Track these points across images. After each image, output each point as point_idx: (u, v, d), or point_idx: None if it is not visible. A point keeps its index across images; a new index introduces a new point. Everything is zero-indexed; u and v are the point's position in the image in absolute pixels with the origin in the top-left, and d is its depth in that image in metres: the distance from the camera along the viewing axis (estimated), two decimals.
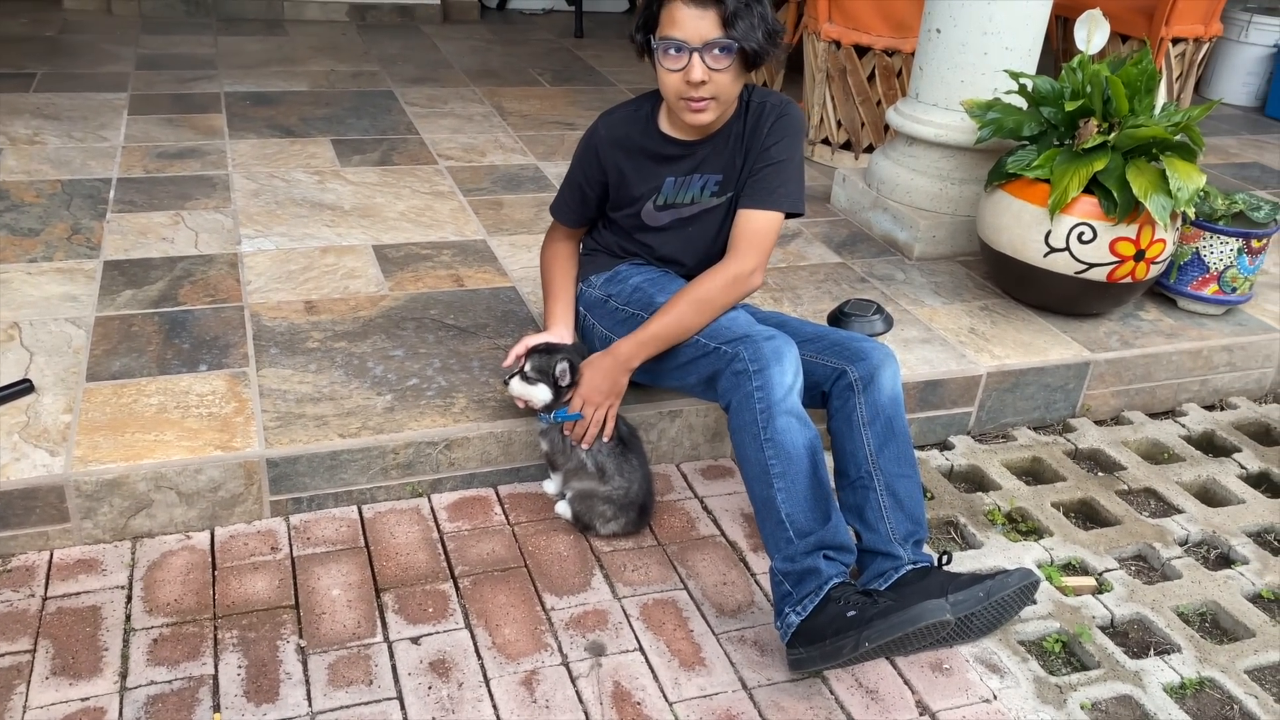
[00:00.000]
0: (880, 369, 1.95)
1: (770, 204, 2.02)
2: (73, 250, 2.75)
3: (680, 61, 1.87)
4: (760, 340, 1.87)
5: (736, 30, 1.83)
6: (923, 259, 3.08)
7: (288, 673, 1.70)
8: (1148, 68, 2.55)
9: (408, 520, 2.08)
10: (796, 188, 2.04)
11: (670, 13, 1.85)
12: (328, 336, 2.41)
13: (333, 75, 4.66)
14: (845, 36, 3.74)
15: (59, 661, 1.69)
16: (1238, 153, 4.58)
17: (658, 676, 1.75)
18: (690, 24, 1.83)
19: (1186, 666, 1.86)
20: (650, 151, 2.07)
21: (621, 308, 2.12)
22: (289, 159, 3.53)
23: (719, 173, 2.07)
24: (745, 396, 1.84)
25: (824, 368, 1.99)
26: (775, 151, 2.02)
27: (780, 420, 1.79)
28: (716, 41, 1.84)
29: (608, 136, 2.07)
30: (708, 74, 1.87)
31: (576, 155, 2.15)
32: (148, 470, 1.93)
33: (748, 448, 1.82)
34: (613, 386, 2.01)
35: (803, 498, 1.77)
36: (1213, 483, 2.42)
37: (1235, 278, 2.76)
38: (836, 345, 2.02)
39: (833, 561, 1.74)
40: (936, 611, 1.64)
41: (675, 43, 1.85)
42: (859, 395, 1.94)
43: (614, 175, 2.09)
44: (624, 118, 2.09)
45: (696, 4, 1.82)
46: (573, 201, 2.18)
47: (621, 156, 2.07)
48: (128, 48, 4.83)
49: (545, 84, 4.81)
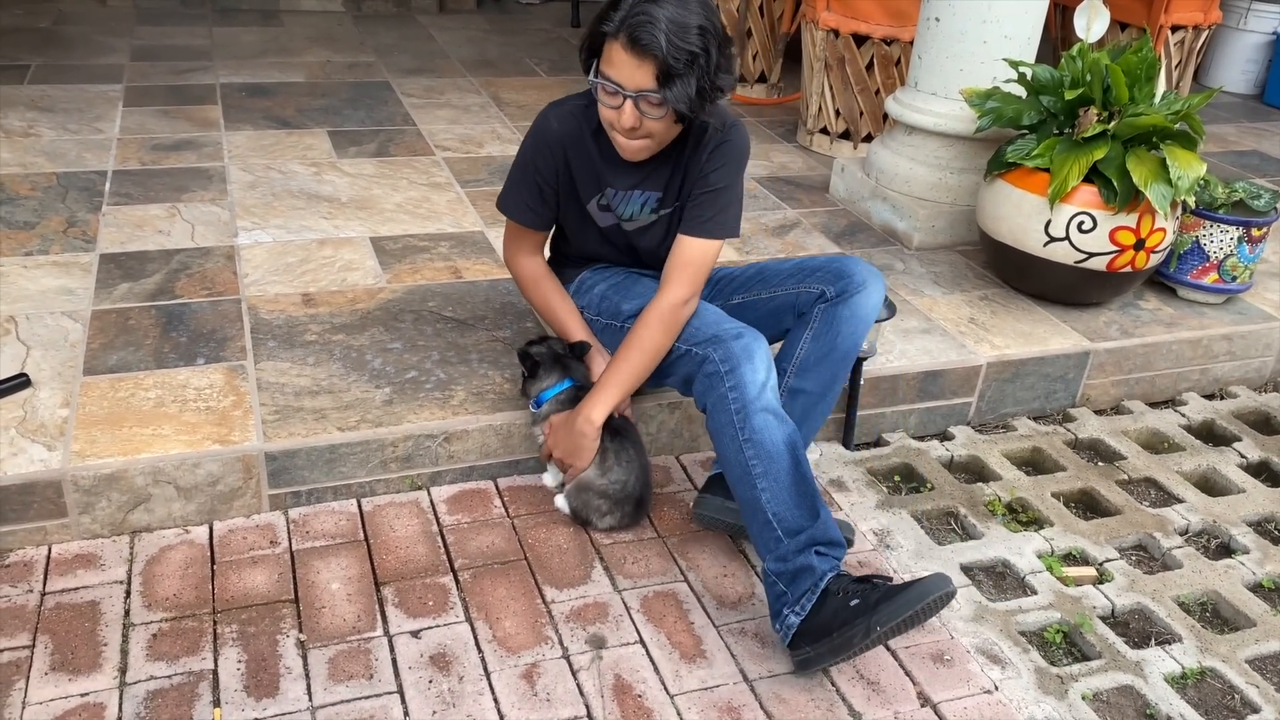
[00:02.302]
0: (863, 287, 1.98)
1: (704, 232, 1.98)
2: (68, 243, 2.74)
3: (614, 101, 1.81)
4: (729, 340, 1.86)
5: (670, 90, 1.75)
6: (922, 249, 3.07)
7: (288, 667, 1.70)
8: (1147, 55, 2.54)
9: (407, 513, 2.07)
10: (733, 215, 2.00)
11: (610, 52, 1.78)
12: (325, 329, 2.40)
13: (329, 66, 4.64)
14: (844, 25, 3.73)
15: (58, 657, 1.68)
16: (1237, 140, 4.57)
17: (659, 669, 1.75)
18: (626, 70, 1.76)
19: (1188, 656, 1.86)
20: (595, 157, 2.00)
21: (594, 318, 2.12)
22: (285, 150, 3.52)
23: (659, 189, 2.02)
24: (720, 398, 1.83)
25: (807, 294, 2.01)
26: (715, 178, 1.97)
27: (757, 419, 1.78)
28: (649, 94, 1.77)
29: (560, 130, 1.99)
30: (638, 120, 1.82)
31: (527, 149, 2.04)
32: (145, 464, 1.93)
33: (728, 449, 1.81)
34: (577, 446, 1.96)
35: (788, 495, 1.76)
36: (1213, 472, 2.42)
37: (1235, 266, 2.76)
38: (818, 269, 2.02)
39: (825, 557, 1.73)
40: (940, 584, 1.64)
41: (611, 84, 1.79)
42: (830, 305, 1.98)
43: (560, 167, 2.02)
44: (574, 112, 1.99)
45: (634, 53, 1.74)
46: (531, 200, 2.07)
47: (571, 153, 2.00)
48: (122, 39, 4.80)
49: (542, 74, 4.79)
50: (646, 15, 1.72)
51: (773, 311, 2.06)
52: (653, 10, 1.72)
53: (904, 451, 2.40)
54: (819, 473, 2.30)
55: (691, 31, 1.73)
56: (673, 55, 1.72)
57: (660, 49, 1.72)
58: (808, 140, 4.02)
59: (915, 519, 2.17)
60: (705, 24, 1.75)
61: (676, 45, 1.72)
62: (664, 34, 1.71)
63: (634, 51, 1.74)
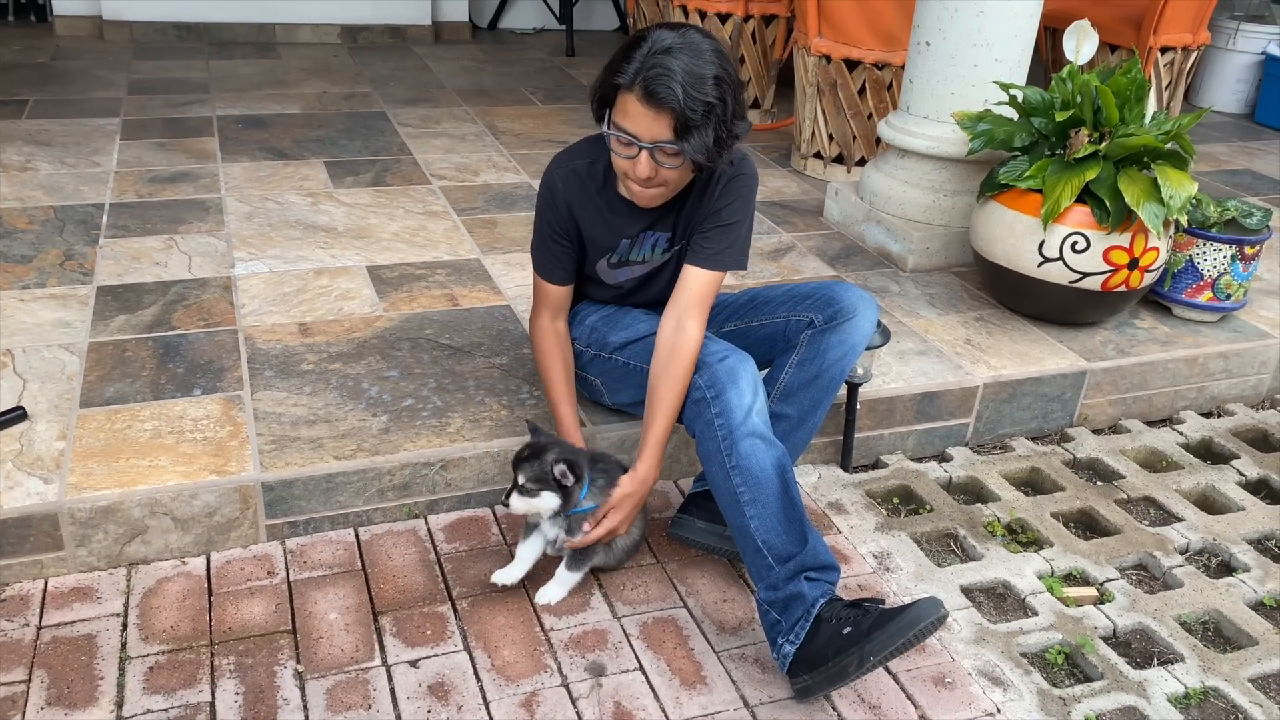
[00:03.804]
0: (853, 315, 1.97)
1: (716, 265, 1.96)
2: (66, 276, 2.74)
3: (630, 151, 1.78)
4: (714, 364, 1.85)
5: (689, 141, 1.72)
6: (917, 271, 3.08)
7: (285, 699, 1.69)
8: (1137, 77, 2.56)
9: (405, 542, 2.07)
10: (742, 247, 2.00)
11: (624, 103, 1.74)
12: (322, 358, 2.40)
13: (325, 97, 4.67)
14: (835, 50, 3.76)
15: (54, 691, 1.67)
16: (1229, 160, 4.60)
17: (658, 696, 1.74)
18: (643, 122, 1.73)
19: (1190, 676, 1.85)
20: (606, 213, 1.98)
21: (584, 349, 2.11)
22: (282, 181, 3.53)
23: (668, 230, 2.01)
24: (706, 425, 1.82)
25: (797, 323, 2.00)
26: (727, 213, 1.95)
27: (743, 445, 1.77)
28: (666, 144, 1.74)
29: (565, 190, 1.97)
30: (654, 170, 1.79)
31: (540, 210, 2.03)
32: (142, 496, 1.92)
33: (716, 476, 1.81)
34: (639, 507, 1.94)
35: (776, 521, 1.75)
36: (1212, 490, 2.42)
37: (1229, 284, 2.76)
38: (808, 296, 2.01)
39: (816, 583, 1.72)
40: (932, 609, 1.63)
41: (626, 135, 1.76)
42: (818, 332, 1.97)
43: (571, 230, 2.01)
44: (579, 172, 1.97)
45: (650, 105, 1.70)
46: (553, 256, 2.04)
47: (577, 210, 1.98)
48: (120, 73, 4.84)
49: (538, 103, 4.82)
50: (662, 68, 1.68)
51: (765, 338, 2.06)
52: (668, 62, 1.68)
53: (902, 473, 2.39)
54: (817, 496, 2.30)
55: (708, 82, 1.70)
56: (689, 107, 1.69)
57: (677, 102, 1.68)
58: (802, 165, 4.04)
59: (914, 541, 2.17)
60: (721, 73, 1.72)
61: (693, 97, 1.69)
62: (680, 86, 1.68)
63: (650, 104, 1.70)
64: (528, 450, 1.85)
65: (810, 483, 2.34)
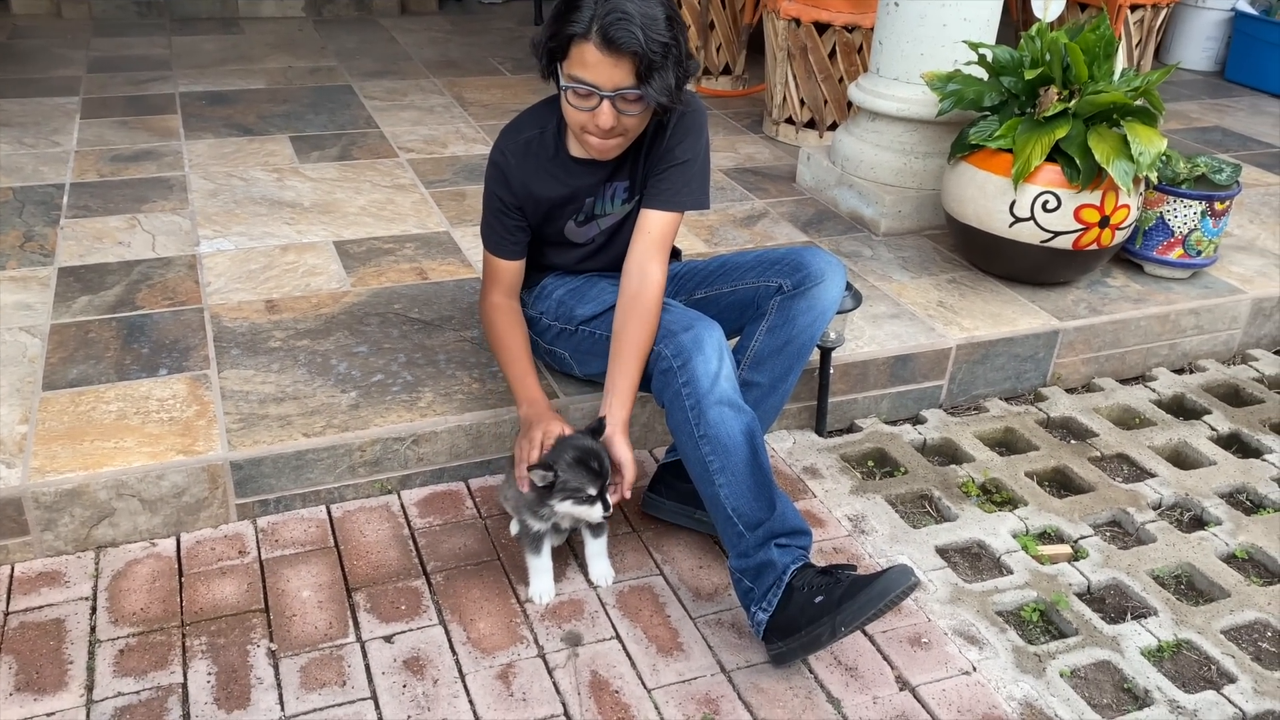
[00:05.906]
0: (820, 280, 1.94)
1: (674, 205, 1.95)
2: (26, 258, 2.69)
3: (589, 103, 1.76)
4: (679, 333, 1.83)
5: (651, 85, 1.71)
6: (889, 234, 3.07)
7: (259, 677, 1.67)
8: (1106, 34, 2.55)
9: (377, 518, 2.05)
10: (700, 185, 1.98)
11: (582, 53, 1.71)
12: (290, 335, 2.37)
13: (290, 72, 4.60)
14: (805, 14, 3.72)
15: (22, 677, 1.65)
16: (1199, 117, 4.60)
17: (635, 664, 1.74)
18: (603, 70, 1.71)
19: (1164, 629, 1.87)
20: (564, 177, 1.96)
21: (551, 324, 2.09)
22: (247, 158, 3.48)
23: (625, 179, 1.99)
24: (674, 395, 1.81)
25: (765, 289, 1.98)
26: (679, 151, 1.93)
27: (711, 413, 1.76)
28: (628, 91, 1.73)
29: (515, 165, 1.94)
30: (616, 119, 1.77)
31: (489, 187, 2.00)
32: (108, 478, 1.89)
33: (685, 446, 1.80)
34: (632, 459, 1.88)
35: (745, 489, 1.74)
36: (1184, 445, 2.43)
37: (1200, 241, 2.77)
38: (776, 262, 1.99)
39: (787, 549, 1.72)
40: (902, 579, 1.62)
41: (585, 86, 1.74)
42: (786, 298, 1.95)
43: (529, 203, 1.98)
44: (528, 143, 1.94)
45: (610, 52, 1.68)
46: (502, 230, 2.01)
47: (533, 183, 1.95)
48: (79, 51, 4.74)
49: (506, 73, 4.76)
50: (620, 12, 1.67)
51: (734, 305, 2.04)
52: (624, 6, 1.68)
53: (876, 437, 2.39)
54: (792, 461, 2.29)
55: (661, 23, 1.70)
56: (650, 49, 1.69)
57: (639, 45, 1.68)
58: (773, 130, 4.01)
59: (889, 503, 2.17)
60: (670, 12, 1.73)
61: (652, 39, 1.68)
62: (639, 29, 1.67)
63: (609, 50, 1.69)
64: (597, 463, 1.75)
65: (785, 448, 2.34)
